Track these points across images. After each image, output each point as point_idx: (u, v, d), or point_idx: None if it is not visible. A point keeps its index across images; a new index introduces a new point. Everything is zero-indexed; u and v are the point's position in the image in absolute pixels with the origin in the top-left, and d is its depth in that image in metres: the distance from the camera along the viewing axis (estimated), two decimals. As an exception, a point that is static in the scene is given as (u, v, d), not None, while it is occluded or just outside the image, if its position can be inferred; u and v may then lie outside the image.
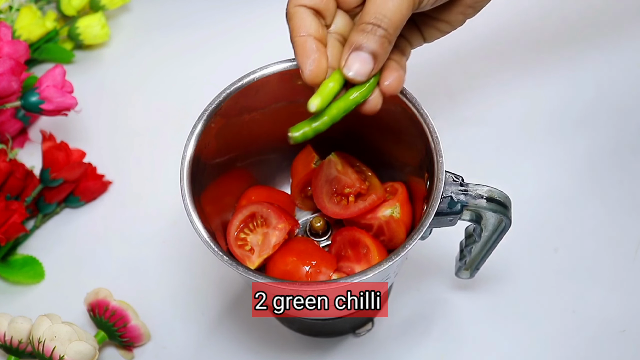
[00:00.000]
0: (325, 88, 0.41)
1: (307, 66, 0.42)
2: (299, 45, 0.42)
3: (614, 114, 0.72)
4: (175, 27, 0.81)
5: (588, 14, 0.78)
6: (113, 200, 0.70)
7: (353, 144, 0.56)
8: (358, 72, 0.41)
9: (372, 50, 0.41)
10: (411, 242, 0.46)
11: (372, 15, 0.41)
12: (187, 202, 0.48)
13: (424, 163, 0.50)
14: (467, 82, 0.75)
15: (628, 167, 0.69)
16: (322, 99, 0.41)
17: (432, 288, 0.64)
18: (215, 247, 0.46)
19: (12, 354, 0.58)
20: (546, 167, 0.70)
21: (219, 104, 0.50)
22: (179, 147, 0.50)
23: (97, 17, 0.77)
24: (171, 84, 0.77)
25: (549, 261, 0.65)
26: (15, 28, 0.73)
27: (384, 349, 0.62)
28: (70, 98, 0.63)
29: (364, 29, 0.41)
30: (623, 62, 0.75)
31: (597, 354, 0.61)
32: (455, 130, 0.71)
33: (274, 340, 0.62)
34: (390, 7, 0.41)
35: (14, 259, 0.66)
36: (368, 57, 0.41)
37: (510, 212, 0.49)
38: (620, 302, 0.63)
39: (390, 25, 0.41)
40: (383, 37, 0.41)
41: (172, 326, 0.63)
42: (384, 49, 0.42)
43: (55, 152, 0.65)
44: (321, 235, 0.57)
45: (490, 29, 0.78)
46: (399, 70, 0.44)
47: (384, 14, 0.41)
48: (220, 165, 0.54)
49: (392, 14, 0.41)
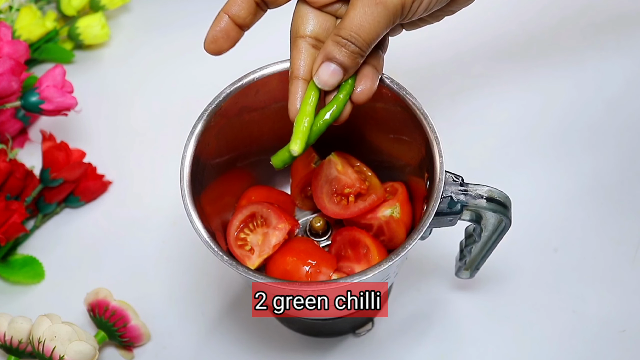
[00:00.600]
0: (301, 126, 0.43)
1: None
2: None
3: (614, 113, 0.72)
4: (175, 27, 0.81)
5: (592, 16, 0.78)
6: (113, 200, 0.70)
7: (353, 144, 0.56)
8: (327, 83, 0.43)
9: (343, 64, 0.43)
10: (411, 242, 0.46)
11: (347, 31, 0.42)
12: (187, 202, 0.48)
13: (424, 163, 0.50)
14: (467, 82, 0.75)
15: (628, 167, 0.69)
16: (301, 141, 0.43)
17: (432, 288, 0.64)
18: (215, 247, 0.46)
19: (12, 354, 0.58)
20: (546, 167, 0.70)
21: (219, 104, 0.50)
22: (179, 147, 0.50)
23: (97, 17, 0.77)
24: (171, 84, 0.77)
25: (549, 261, 0.65)
26: (15, 28, 0.73)
27: (384, 349, 0.62)
28: (70, 98, 0.63)
29: (339, 42, 0.42)
30: (624, 61, 0.75)
31: (597, 354, 0.61)
32: (455, 130, 0.71)
33: (274, 340, 0.62)
34: (366, 28, 0.42)
35: (14, 259, 0.66)
36: (338, 70, 0.43)
37: (510, 212, 0.49)
38: (620, 302, 0.63)
39: (364, 44, 0.42)
40: (355, 53, 0.42)
41: (172, 326, 0.63)
42: (355, 63, 0.43)
43: (55, 152, 0.65)
44: (321, 235, 0.57)
45: (490, 29, 0.78)
46: (372, 79, 0.45)
47: (358, 33, 0.42)
48: (220, 165, 0.54)
49: (367, 34, 0.42)
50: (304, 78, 0.45)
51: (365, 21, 0.41)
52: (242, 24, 0.45)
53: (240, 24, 0.45)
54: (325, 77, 0.43)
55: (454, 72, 0.76)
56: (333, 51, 0.42)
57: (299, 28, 0.45)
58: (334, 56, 0.42)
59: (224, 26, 0.44)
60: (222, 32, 0.44)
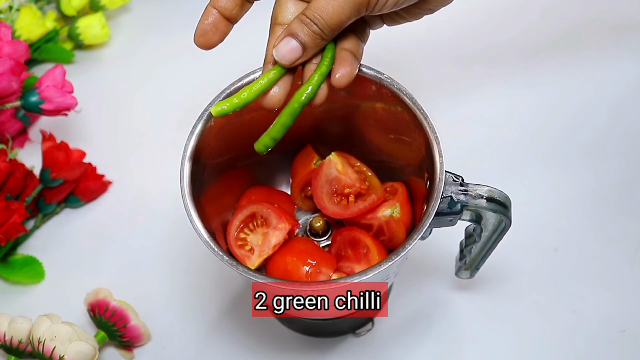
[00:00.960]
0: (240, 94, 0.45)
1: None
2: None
3: (615, 114, 0.72)
4: (175, 27, 0.81)
5: (594, 17, 0.78)
6: (113, 200, 0.70)
7: (353, 144, 0.56)
8: (284, 57, 0.44)
9: (303, 42, 0.44)
10: (411, 242, 0.46)
11: (312, 11, 0.43)
12: (187, 202, 0.48)
13: (424, 163, 0.50)
14: (467, 82, 0.75)
15: (628, 167, 0.69)
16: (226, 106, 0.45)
17: (432, 288, 0.64)
18: (215, 247, 0.46)
19: (12, 354, 0.58)
20: (546, 167, 0.70)
21: (219, 104, 0.50)
22: (179, 147, 0.50)
23: (97, 17, 0.77)
24: (171, 84, 0.77)
25: (549, 261, 0.65)
26: (15, 28, 0.73)
27: (384, 349, 0.62)
28: (70, 98, 0.63)
29: (302, 20, 0.43)
30: (626, 63, 0.75)
31: (597, 354, 0.61)
32: (455, 130, 0.71)
33: (274, 340, 0.62)
34: (329, 11, 0.43)
35: (14, 259, 0.66)
36: (297, 46, 0.44)
37: (510, 212, 0.49)
38: (620, 302, 0.63)
39: (325, 27, 0.43)
40: (316, 34, 0.43)
41: (172, 326, 0.63)
42: (315, 44, 0.44)
43: (55, 152, 0.65)
44: (321, 235, 0.57)
45: (491, 29, 0.78)
46: (352, 64, 0.45)
47: (321, 15, 0.43)
48: (220, 165, 0.54)
49: (329, 18, 0.43)
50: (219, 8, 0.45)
51: (329, 5, 0.42)
52: (230, 17, 0.46)
53: (228, 16, 0.45)
54: (284, 51, 0.44)
55: (454, 72, 0.76)
56: (295, 28, 0.43)
57: (277, 15, 0.46)
58: (296, 33, 0.43)
59: (212, 20, 0.45)
60: (211, 25, 0.45)
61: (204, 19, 0.45)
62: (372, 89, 0.50)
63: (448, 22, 0.75)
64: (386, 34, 0.51)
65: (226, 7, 0.45)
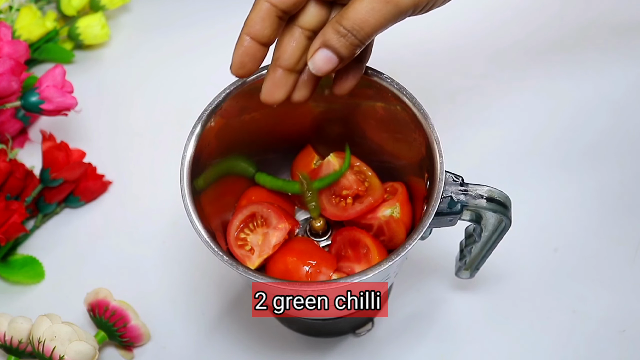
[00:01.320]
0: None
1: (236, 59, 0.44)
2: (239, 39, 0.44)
3: (614, 114, 0.72)
4: (175, 27, 0.81)
5: (595, 19, 0.78)
6: (113, 200, 0.70)
7: (353, 144, 0.56)
8: (320, 69, 0.43)
9: (340, 53, 0.42)
10: (411, 242, 0.46)
11: (351, 22, 0.41)
12: (187, 202, 0.48)
13: (424, 163, 0.50)
14: (467, 82, 0.75)
15: (628, 167, 0.69)
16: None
17: (432, 288, 0.64)
18: (215, 247, 0.46)
19: (12, 354, 0.58)
20: (546, 167, 0.70)
21: (219, 104, 0.50)
22: (179, 147, 0.50)
23: (97, 17, 0.77)
24: (171, 84, 0.77)
25: (549, 261, 0.65)
26: (15, 28, 0.73)
27: (384, 349, 0.62)
28: (70, 98, 0.63)
29: (339, 32, 0.41)
30: (627, 66, 0.75)
31: (597, 354, 0.61)
32: (455, 130, 0.71)
33: (274, 340, 0.62)
34: (371, 23, 0.41)
35: (14, 259, 0.66)
36: (334, 59, 0.42)
37: (510, 212, 0.49)
38: (620, 302, 0.63)
39: (365, 37, 0.42)
40: (355, 45, 0.42)
41: (172, 326, 0.63)
42: (352, 54, 0.43)
43: (55, 152, 0.65)
44: (321, 235, 0.57)
45: (491, 29, 0.78)
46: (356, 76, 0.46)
47: (362, 27, 0.41)
48: (221, 165, 0.54)
49: (371, 29, 0.41)
50: (254, 37, 0.43)
51: (371, 17, 0.41)
52: (267, 42, 0.44)
53: (265, 42, 0.44)
54: (320, 63, 0.42)
55: (454, 72, 0.76)
56: (332, 39, 0.42)
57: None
58: (332, 45, 0.42)
59: (248, 49, 0.44)
60: (248, 55, 0.44)
61: (239, 49, 0.43)
62: (372, 89, 0.50)
63: (448, 22, 0.75)
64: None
65: (263, 33, 0.43)
